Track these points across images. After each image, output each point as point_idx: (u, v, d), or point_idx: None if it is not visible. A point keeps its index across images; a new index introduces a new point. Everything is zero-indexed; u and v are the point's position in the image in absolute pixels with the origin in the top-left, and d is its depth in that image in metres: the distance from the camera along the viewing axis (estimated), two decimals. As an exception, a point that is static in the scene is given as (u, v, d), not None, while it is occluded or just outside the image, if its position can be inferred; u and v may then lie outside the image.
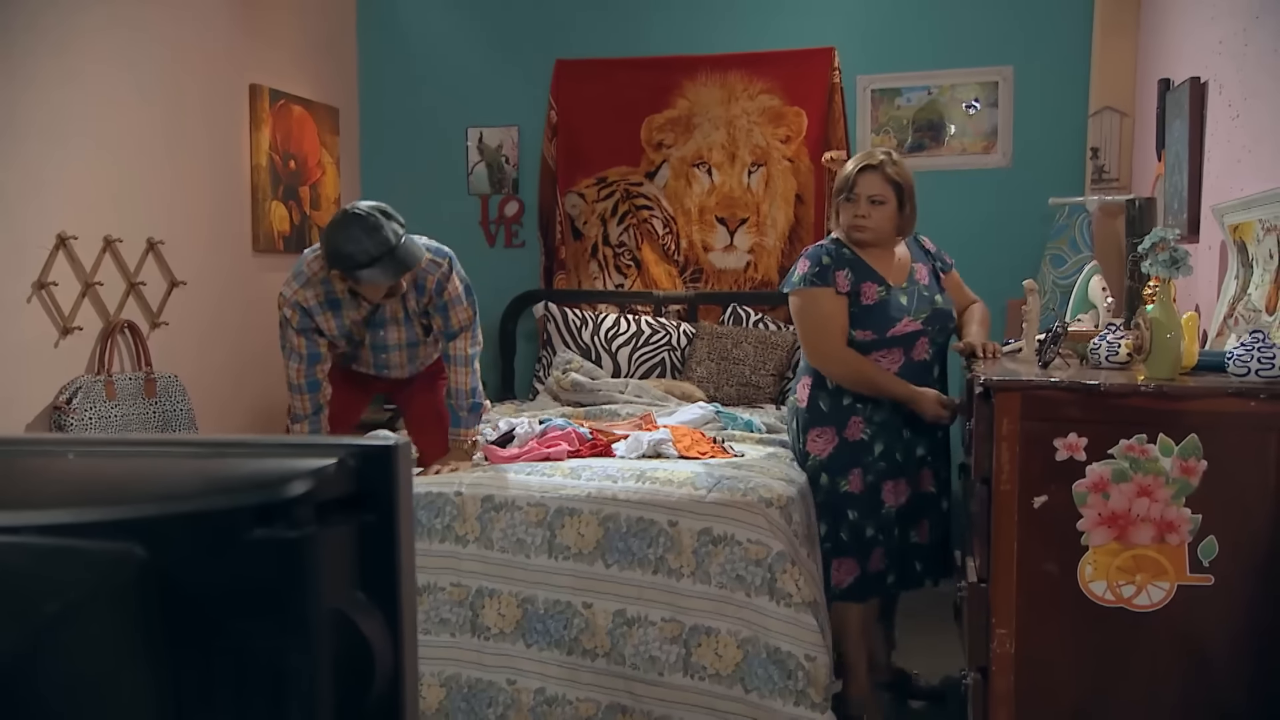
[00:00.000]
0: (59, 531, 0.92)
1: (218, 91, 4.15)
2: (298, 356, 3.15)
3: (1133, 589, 2.23)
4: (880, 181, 3.06)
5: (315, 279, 3.09)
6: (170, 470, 0.97)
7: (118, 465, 0.98)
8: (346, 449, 0.99)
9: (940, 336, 3.15)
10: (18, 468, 0.98)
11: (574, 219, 4.93)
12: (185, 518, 0.93)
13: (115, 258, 3.64)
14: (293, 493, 0.94)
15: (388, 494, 1.00)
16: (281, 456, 0.99)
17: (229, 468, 0.97)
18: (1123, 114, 4.27)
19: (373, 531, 1.00)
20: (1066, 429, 2.25)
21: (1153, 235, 2.29)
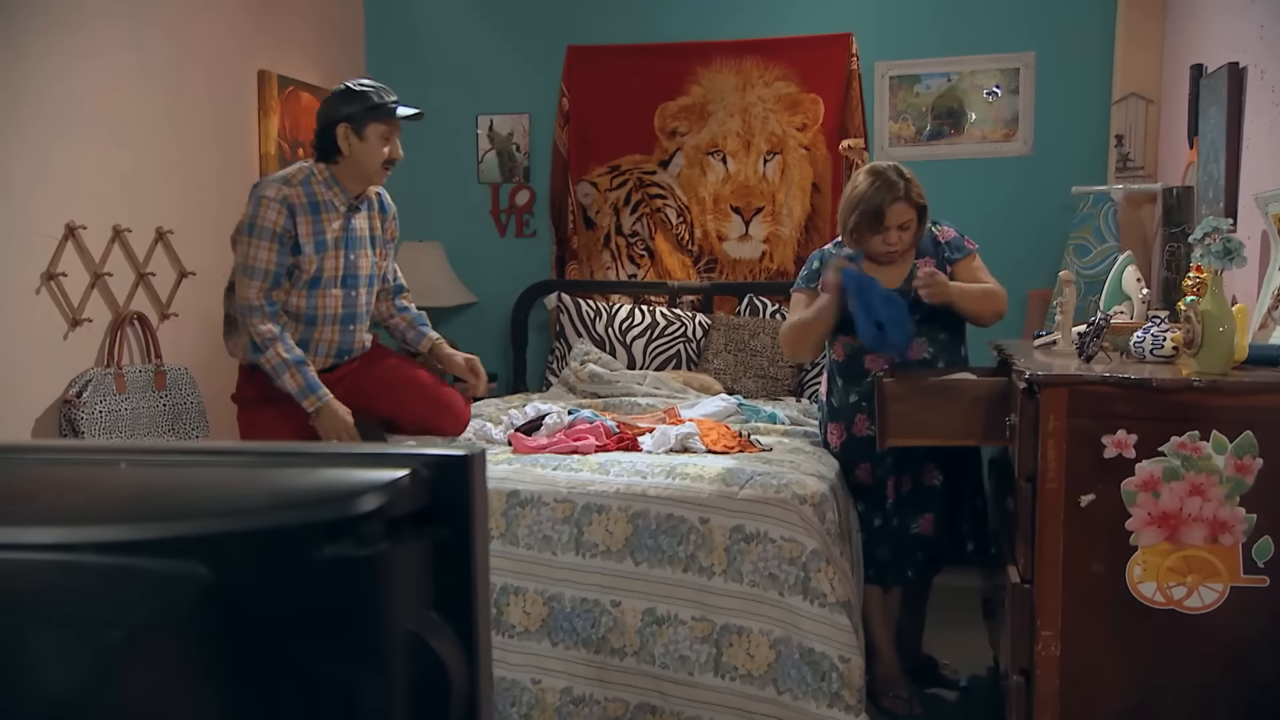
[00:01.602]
0: (118, 549, 0.85)
1: (226, 77, 4.07)
2: (262, 273, 2.96)
3: (1184, 590, 2.17)
4: (907, 208, 3.02)
5: (296, 180, 3.02)
6: (231, 483, 0.90)
7: (174, 477, 0.91)
8: (419, 459, 0.93)
9: (943, 334, 3.10)
10: (67, 478, 0.91)
11: (586, 208, 4.85)
12: (251, 535, 0.87)
13: (124, 247, 3.56)
14: (364, 508, 0.88)
15: (463, 507, 0.94)
16: (348, 467, 0.92)
17: (294, 480, 0.90)
18: (1149, 100, 4.19)
19: (447, 547, 0.93)
20: (1115, 425, 2.18)
21: (1204, 225, 2.22)
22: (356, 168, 3.01)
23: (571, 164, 4.81)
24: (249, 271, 2.98)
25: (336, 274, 3.08)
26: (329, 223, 3.04)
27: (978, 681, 3.37)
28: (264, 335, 2.95)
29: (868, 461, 3.10)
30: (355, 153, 2.98)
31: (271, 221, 2.96)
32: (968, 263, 3.19)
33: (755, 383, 4.16)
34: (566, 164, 4.81)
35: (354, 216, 3.11)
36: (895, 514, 3.08)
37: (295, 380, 2.93)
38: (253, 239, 2.98)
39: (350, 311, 3.15)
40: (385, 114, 2.98)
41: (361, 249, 3.13)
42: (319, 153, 3.05)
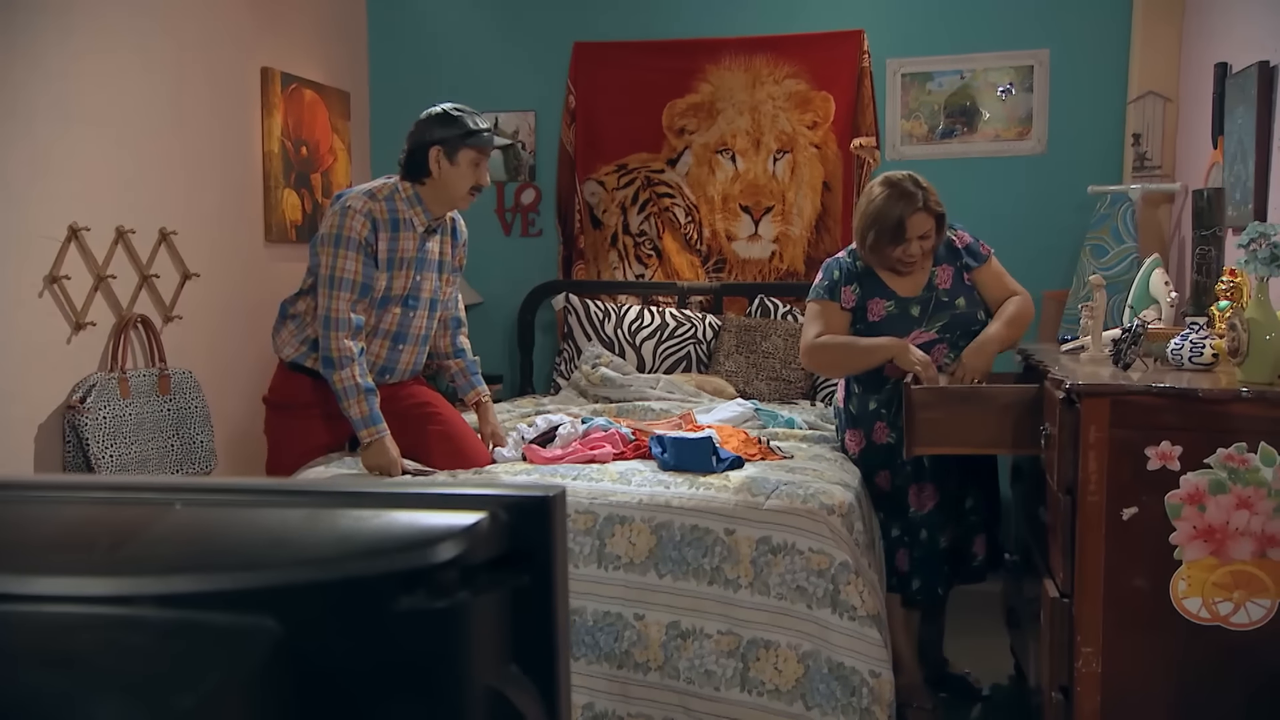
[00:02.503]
0: (182, 603, 0.78)
1: (228, 74, 3.98)
2: (349, 284, 2.93)
3: (1230, 606, 2.11)
4: (926, 218, 2.98)
5: (381, 195, 3.01)
6: (298, 527, 0.83)
7: (235, 520, 0.84)
8: (498, 501, 0.86)
9: (964, 340, 3.04)
10: (118, 521, 0.84)
11: (593, 207, 4.78)
12: (322, 587, 0.80)
13: (128, 249, 3.48)
14: (441, 556, 0.81)
15: (544, 551, 0.87)
16: (421, 509, 0.86)
17: (365, 525, 0.83)
18: (1166, 99, 4.14)
19: (527, 595, 0.87)
20: (1159, 437, 2.13)
21: (1250, 230, 2.16)
22: (443, 191, 2.99)
23: (578, 162, 4.74)
24: (336, 283, 2.93)
25: (401, 293, 3.05)
26: (405, 241, 3.02)
27: (999, 690, 3.32)
28: (344, 352, 2.90)
29: (887, 469, 3.05)
30: (445, 176, 2.97)
31: (357, 233, 2.93)
32: (986, 269, 3.14)
33: (768, 385, 4.09)
34: (573, 162, 4.74)
35: (429, 239, 3.08)
36: (924, 527, 3.02)
37: (361, 408, 2.89)
38: (339, 250, 2.93)
39: (403, 331, 3.10)
40: (481, 141, 2.98)
41: (429, 271, 3.10)
42: (406, 171, 3.02)
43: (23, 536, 0.83)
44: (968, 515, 3.08)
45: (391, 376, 3.12)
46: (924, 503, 3.03)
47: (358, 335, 2.97)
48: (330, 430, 3.08)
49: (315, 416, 3.06)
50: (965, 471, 3.06)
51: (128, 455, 3.37)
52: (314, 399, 3.05)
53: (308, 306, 3.10)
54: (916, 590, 3.08)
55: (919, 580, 3.06)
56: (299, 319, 3.12)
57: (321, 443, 3.10)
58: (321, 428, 3.07)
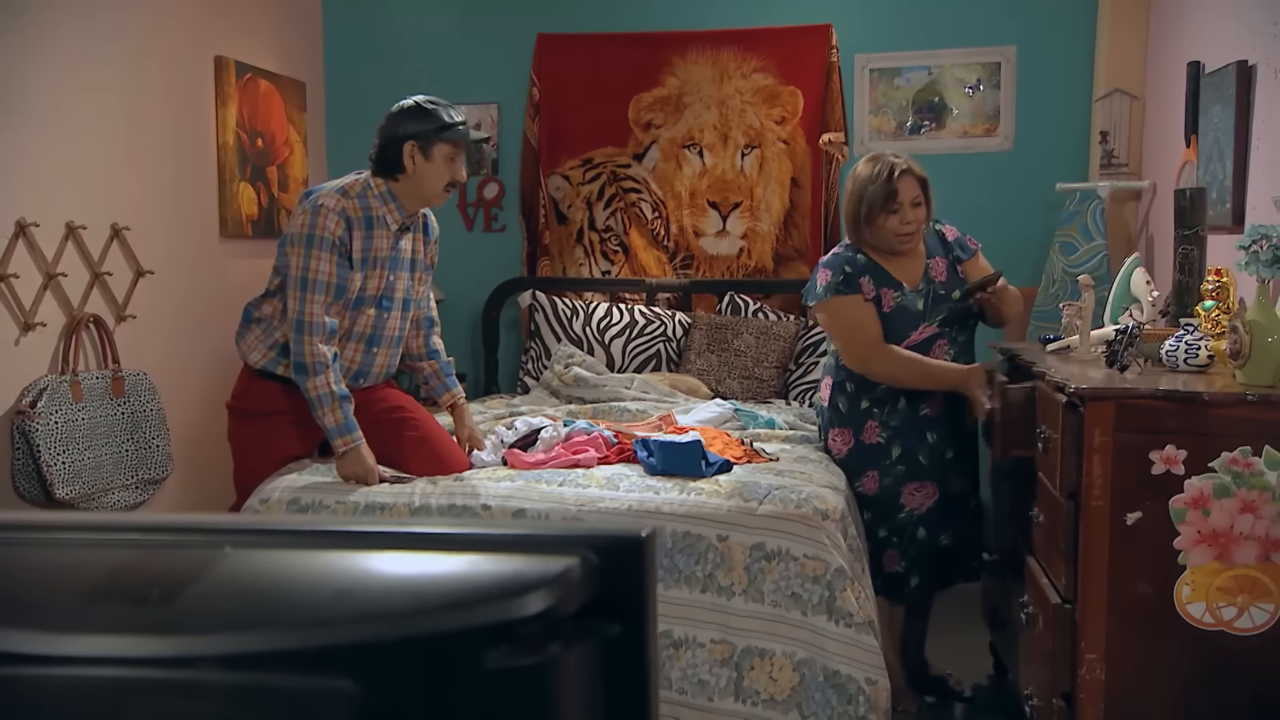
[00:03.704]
0: (246, 664, 0.69)
1: (181, 64, 3.83)
2: (323, 286, 2.81)
3: (1234, 611, 2.10)
4: (915, 183, 3.00)
5: (353, 192, 2.90)
6: (368, 576, 0.75)
7: (294, 567, 0.75)
8: (587, 542, 0.79)
9: (961, 335, 3.06)
10: (163, 568, 0.75)
11: (558, 202, 4.69)
12: (401, 644, 0.72)
13: (79, 246, 3.33)
14: (532, 608, 0.73)
15: (637, 599, 0.80)
16: (505, 552, 0.78)
17: (444, 573, 0.75)
18: (1133, 97, 4.15)
19: (618, 646, 0.79)
20: (1163, 441, 2.11)
21: (1251, 231, 2.15)
22: (418, 187, 2.89)
23: (543, 156, 4.65)
24: (310, 285, 2.80)
25: (375, 294, 2.94)
26: (378, 240, 2.91)
27: (980, 690, 3.31)
28: (318, 358, 2.78)
29: (875, 469, 3.00)
30: (419, 172, 2.86)
31: (330, 232, 2.81)
32: (974, 263, 3.15)
33: (740, 384, 4.04)
34: (537, 156, 4.65)
35: (402, 237, 2.98)
36: (922, 525, 2.99)
37: (335, 416, 2.78)
38: (312, 250, 2.81)
39: (377, 333, 2.99)
40: (456, 135, 2.88)
41: (402, 270, 3.00)
42: (378, 167, 2.91)
43: (56, 587, 0.74)
44: (973, 515, 3.08)
45: (365, 380, 3.01)
46: (923, 501, 2.99)
47: (332, 339, 2.86)
48: (300, 438, 2.97)
49: (285, 424, 2.94)
50: (966, 472, 3.05)
51: (81, 462, 3.22)
52: (283, 406, 2.93)
53: (274, 309, 2.98)
54: (914, 589, 3.04)
55: (916, 578, 3.03)
56: (265, 323, 3.00)
57: (291, 451, 2.98)
58: (291, 435, 2.96)
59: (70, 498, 3.17)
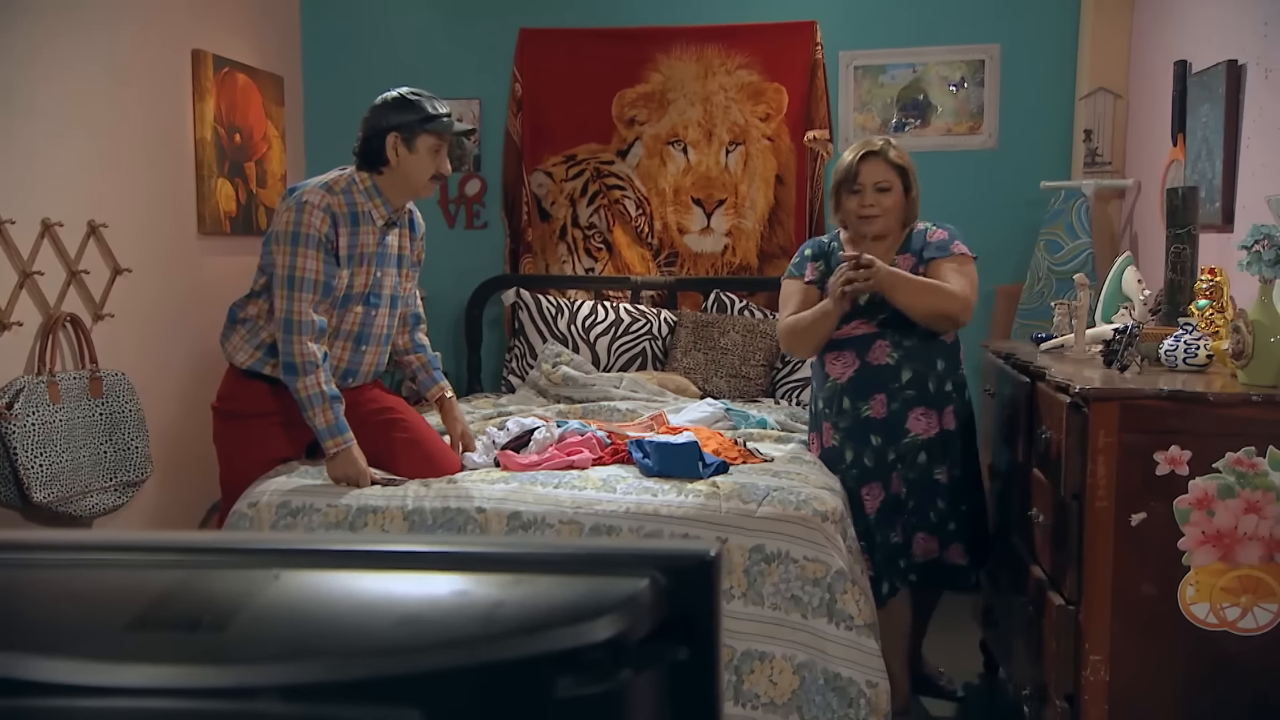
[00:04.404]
0: (306, 695, 0.66)
1: (159, 57, 3.75)
2: (311, 284, 2.76)
3: (1238, 611, 2.10)
4: (884, 167, 2.91)
5: (338, 187, 2.84)
6: (431, 600, 0.71)
7: (351, 591, 0.72)
8: (655, 561, 0.76)
9: (906, 340, 2.88)
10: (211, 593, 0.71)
11: (540, 199, 4.64)
12: (471, 673, 0.68)
13: (55, 243, 3.25)
14: (604, 633, 0.70)
15: (705, 621, 0.77)
16: (573, 574, 0.74)
17: (512, 597, 0.71)
18: (1116, 95, 4.16)
19: (686, 671, 0.76)
20: (1168, 441, 2.10)
21: (1253, 231, 2.15)
22: (403, 180, 2.84)
23: (525, 153, 4.60)
24: (296, 283, 2.74)
25: (363, 291, 2.89)
26: (365, 236, 2.86)
27: (971, 689, 3.31)
28: (308, 357, 2.73)
29: (836, 473, 2.91)
30: (403, 164, 2.81)
31: (316, 229, 2.75)
32: (940, 264, 2.90)
33: (727, 383, 4.02)
34: (520, 152, 4.60)
35: (388, 233, 2.92)
36: (878, 528, 2.89)
37: (326, 417, 2.72)
38: (298, 248, 2.75)
39: (365, 331, 2.93)
40: (439, 126, 2.82)
41: (390, 267, 2.95)
42: (363, 160, 2.85)
43: (99, 613, 0.70)
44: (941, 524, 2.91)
45: (354, 380, 2.96)
46: (874, 503, 2.92)
47: (321, 338, 2.80)
48: (288, 439, 2.91)
49: (273, 425, 2.88)
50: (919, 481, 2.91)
51: (59, 464, 3.15)
52: (271, 406, 2.87)
53: (260, 310, 2.92)
54: (889, 593, 3.00)
55: (887, 583, 2.96)
56: (251, 323, 2.94)
57: (279, 453, 2.92)
58: (279, 436, 2.90)
59: (47, 501, 3.10)
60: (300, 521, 2.60)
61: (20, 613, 0.68)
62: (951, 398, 2.93)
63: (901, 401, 2.88)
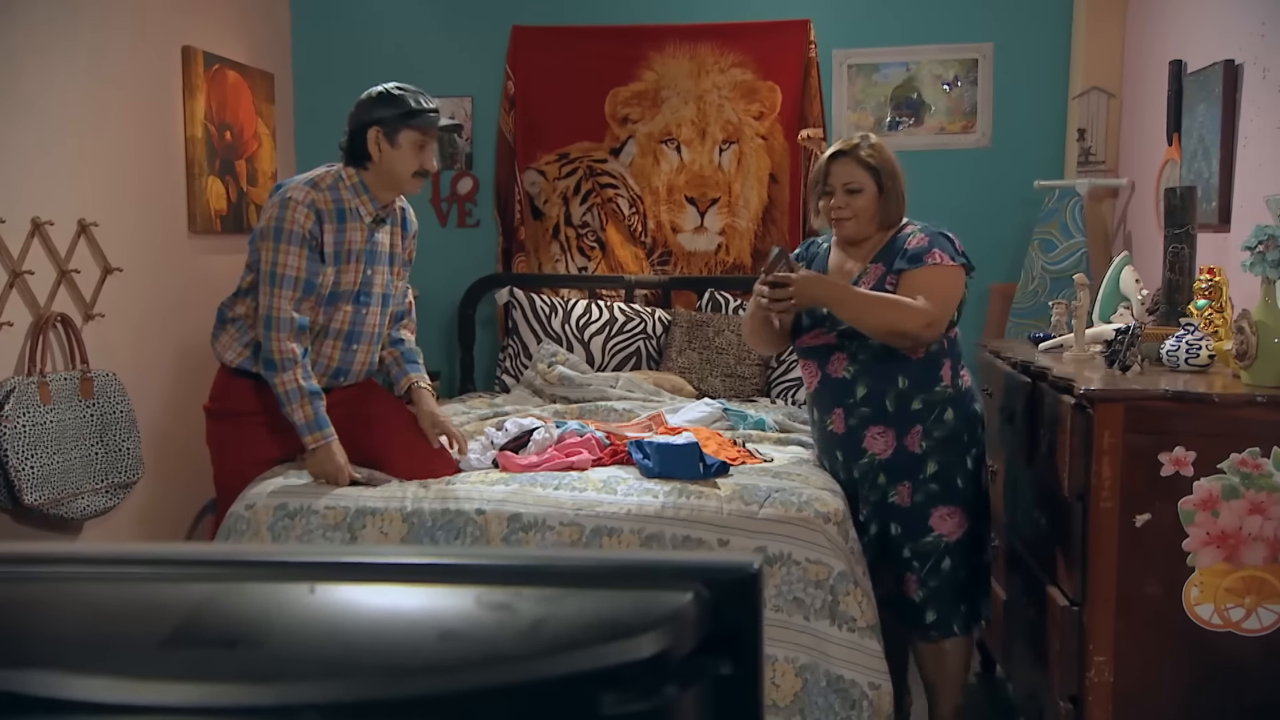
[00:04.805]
0: (348, 713, 0.64)
1: (148, 54, 3.71)
2: (292, 281, 2.73)
3: (1242, 612, 2.10)
4: (854, 167, 2.68)
5: (324, 184, 2.81)
6: (470, 616, 0.69)
7: (387, 606, 0.70)
8: (699, 574, 0.74)
9: (862, 355, 2.61)
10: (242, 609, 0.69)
11: (533, 197, 4.62)
12: (516, 691, 0.67)
13: (45, 242, 3.21)
14: (649, 650, 0.69)
15: (750, 636, 0.75)
16: (612, 587, 0.73)
17: (554, 612, 0.70)
18: (1110, 95, 4.17)
19: (730, 686, 0.75)
20: (1172, 442, 2.10)
21: (1256, 232, 2.15)
22: (387, 175, 2.80)
23: (518, 151, 4.57)
24: (278, 280, 2.72)
25: (352, 289, 2.85)
26: (352, 233, 2.82)
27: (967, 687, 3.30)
28: (286, 354, 2.70)
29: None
30: (386, 159, 2.78)
31: (300, 225, 2.72)
32: (910, 275, 2.59)
33: (722, 382, 4.01)
34: (513, 151, 4.57)
35: (378, 230, 2.89)
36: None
37: (305, 412, 2.70)
38: (280, 244, 2.72)
39: (357, 330, 2.90)
40: (424, 121, 2.78)
41: (380, 265, 2.91)
42: (348, 156, 2.83)
43: (130, 629, 0.68)
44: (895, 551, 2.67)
45: (346, 379, 2.93)
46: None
47: (301, 336, 2.77)
48: (281, 438, 2.88)
49: (264, 424, 2.85)
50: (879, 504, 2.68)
51: (50, 466, 3.11)
52: (260, 406, 2.84)
53: (248, 309, 2.88)
54: None
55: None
56: (240, 323, 2.90)
57: (272, 452, 2.90)
58: (271, 435, 2.87)
59: (38, 503, 3.06)
60: (298, 523, 2.57)
61: (52, 629, 0.66)
62: (919, 417, 2.61)
63: (859, 418, 2.64)
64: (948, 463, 2.63)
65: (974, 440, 2.69)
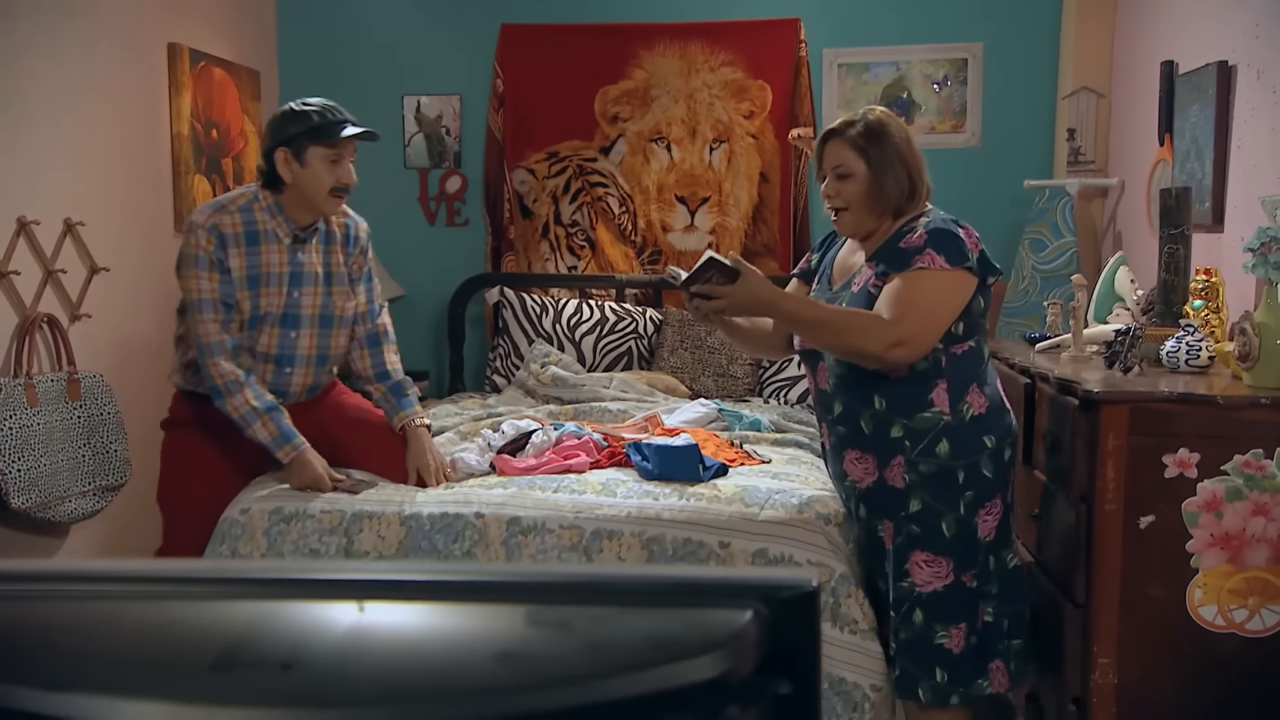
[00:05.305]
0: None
1: (134, 51, 3.66)
2: (210, 304, 2.63)
3: (1245, 613, 2.10)
4: (843, 149, 2.30)
5: (234, 206, 2.70)
6: (528, 635, 0.67)
7: (440, 626, 0.68)
8: (758, 591, 0.72)
9: (840, 365, 2.32)
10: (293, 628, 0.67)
11: (523, 196, 4.59)
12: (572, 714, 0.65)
13: (31, 242, 3.16)
14: (712, 671, 0.67)
15: (808, 655, 0.74)
16: (671, 605, 0.71)
17: (614, 631, 0.68)
18: (1099, 95, 4.18)
19: (789, 706, 0.73)
20: (1176, 444, 2.10)
21: (1259, 234, 2.15)
22: (301, 196, 2.67)
23: (507, 149, 4.55)
24: (197, 305, 2.65)
25: (276, 311, 2.73)
26: (269, 255, 2.71)
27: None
28: (227, 378, 2.63)
29: None
30: (297, 180, 2.65)
31: (203, 249, 2.63)
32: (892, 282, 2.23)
33: (714, 382, 3.99)
34: (502, 149, 4.54)
35: (300, 250, 2.75)
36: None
37: (268, 430, 2.63)
38: (189, 270, 2.66)
39: (286, 353, 2.77)
40: (326, 135, 2.63)
41: (309, 286, 2.77)
42: (264, 179, 2.71)
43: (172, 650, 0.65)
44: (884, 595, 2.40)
45: (285, 400, 2.79)
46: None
47: (238, 355, 2.69)
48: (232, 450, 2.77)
49: (218, 439, 2.75)
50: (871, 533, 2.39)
51: (37, 469, 3.06)
52: (212, 418, 2.73)
53: (185, 329, 2.80)
54: None
55: None
56: (180, 343, 2.84)
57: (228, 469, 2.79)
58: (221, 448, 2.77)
59: (26, 507, 3.02)
60: (293, 528, 2.54)
61: (101, 651, 0.64)
62: (902, 447, 2.25)
63: (838, 437, 2.37)
64: (933, 503, 2.24)
65: (975, 481, 2.23)
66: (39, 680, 0.62)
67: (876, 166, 2.31)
